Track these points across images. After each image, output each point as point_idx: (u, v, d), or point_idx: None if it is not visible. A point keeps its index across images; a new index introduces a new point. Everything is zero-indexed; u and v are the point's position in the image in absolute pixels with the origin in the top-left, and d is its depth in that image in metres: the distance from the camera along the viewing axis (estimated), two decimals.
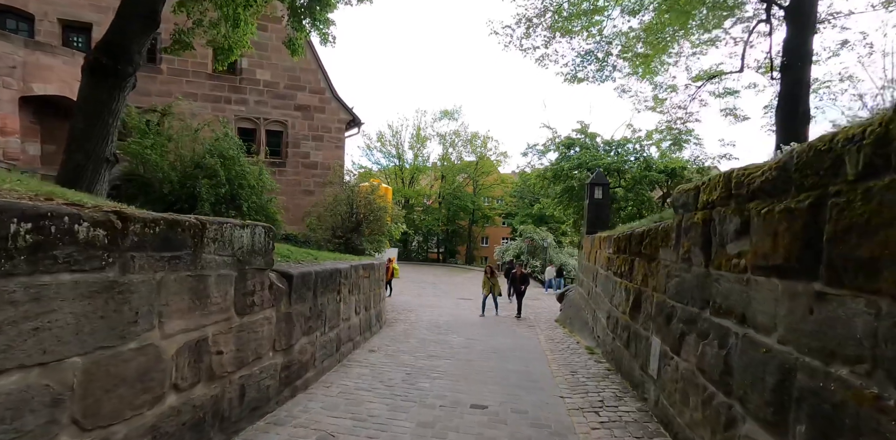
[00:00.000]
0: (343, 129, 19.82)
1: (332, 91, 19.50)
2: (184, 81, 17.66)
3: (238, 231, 3.54)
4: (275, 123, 19.03)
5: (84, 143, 7.32)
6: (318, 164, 19.58)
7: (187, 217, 3.05)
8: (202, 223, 3.11)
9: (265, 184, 14.44)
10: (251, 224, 3.81)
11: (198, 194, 12.17)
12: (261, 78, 18.60)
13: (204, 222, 3.13)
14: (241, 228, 3.58)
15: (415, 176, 52.78)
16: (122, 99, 7.47)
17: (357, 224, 15.28)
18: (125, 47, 7.12)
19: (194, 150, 13.36)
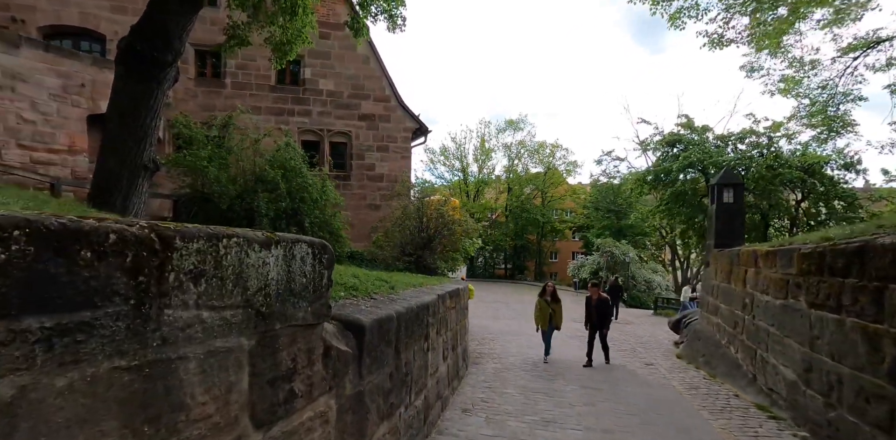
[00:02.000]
0: (409, 137, 18.52)
1: (397, 98, 18.30)
2: (247, 94, 17.08)
3: (257, 253, 1.71)
4: (338, 135, 18.04)
5: (118, 147, 6.11)
6: (384, 176, 18.33)
7: (118, 223, 1.21)
8: (162, 237, 1.30)
9: (329, 197, 13.28)
10: (286, 239, 1.94)
11: (256, 209, 11.15)
12: (324, 88, 17.73)
13: (165, 235, 1.31)
14: (262, 248, 1.74)
15: (480, 189, 51.15)
16: (161, 94, 6.24)
17: (428, 240, 13.69)
18: (163, 30, 5.90)
19: (255, 163, 12.46)
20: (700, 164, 17.68)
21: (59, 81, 13.16)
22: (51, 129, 13.11)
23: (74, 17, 15.99)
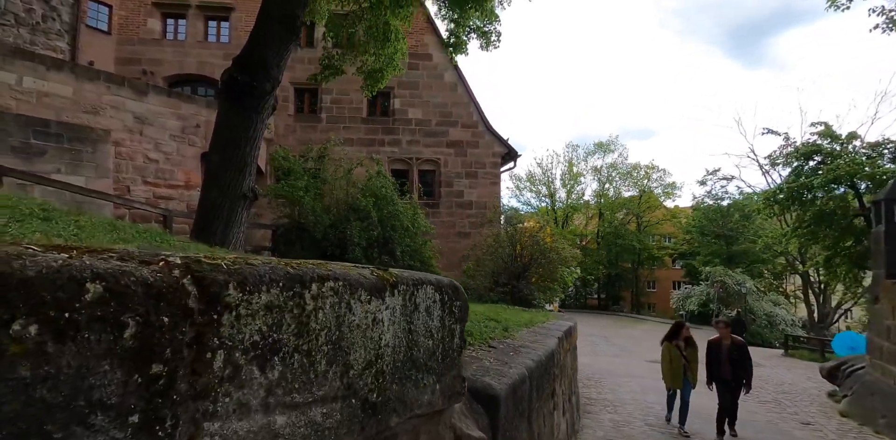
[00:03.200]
0: (498, 163, 18.05)
1: (485, 123, 18.02)
2: (341, 127, 17.66)
3: (364, 305, 1.07)
4: (427, 162, 18.01)
5: (219, 177, 6.10)
6: (473, 203, 17.89)
7: (119, 259, 0.62)
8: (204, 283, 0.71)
9: (420, 225, 13.03)
10: (406, 280, 1.27)
11: (349, 238, 11.09)
12: (412, 117, 17.93)
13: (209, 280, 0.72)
14: (372, 296, 1.11)
15: (568, 215, 49.27)
16: (260, 123, 6.22)
17: (523, 269, 12.85)
18: (262, 60, 5.92)
19: (348, 192, 12.57)
20: (849, 177, 14.88)
21: (179, 123, 14.35)
22: (170, 167, 14.22)
23: (193, 66, 17.64)
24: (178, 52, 17.54)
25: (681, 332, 7.38)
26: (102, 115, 12.30)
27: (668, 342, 7.39)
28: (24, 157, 10.47)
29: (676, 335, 7.38)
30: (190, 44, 17.64)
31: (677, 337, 7.36)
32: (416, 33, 16.97)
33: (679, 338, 7.33)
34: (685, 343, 7.31)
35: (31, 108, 10.92)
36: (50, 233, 2.11)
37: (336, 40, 9.36)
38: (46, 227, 2.35)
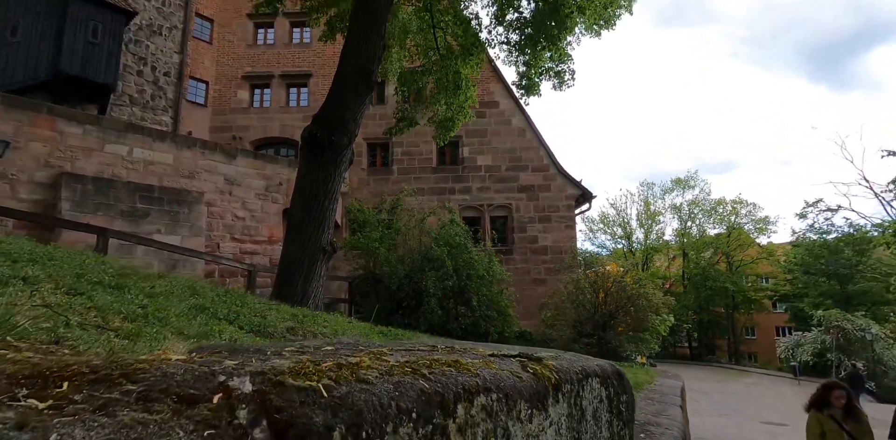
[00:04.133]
0: (572, 205, 17.50)
1: (556, 166, 17.72)
2: (412, 178, 18.05)
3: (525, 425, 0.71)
4: (499, 208, 17.82)
5: (300, 232, 6.21)
6: (548, 248, 17.27)
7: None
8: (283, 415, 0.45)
9: (495, 273, 12.65)
10: (570, 376, 0.86)
11: (424, 288, 10.92)
12: (482, 164, 18.02)
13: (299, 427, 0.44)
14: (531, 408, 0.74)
15: (648, 257, 46.51)
16: (338, 177, 6.33)
17: (609, 317, 11.94)
18: (340, 116, 6.12)
19: (421, 242, 12.56)
20: None
21: (263, 182, 15.26)
22: (255, 223, 15.00)
23: (276, 130, 19.04)
24: (263, 117, 19.07)
25: (832, 399, 5.34)
26: (197, 178, 13.33)
27: (816, 411, 5.38)
28: (130, 220, 11.45)
29: (824, 401, 5.37)
30: (273, 109, 19.16)
31: (828, 404, 5.32)
32: (482, 82, 17.40)
33: (833, 406, 5.29)
34: (845, 413, 5.25)
35: (138, 176, 12.05)
36: (107, 311, 2.02)
37: (407, 94, 9.71)
38: (110, 300, 2.28)
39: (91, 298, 2.22)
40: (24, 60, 13.00)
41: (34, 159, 10.52)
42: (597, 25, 8.93)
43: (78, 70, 13.70)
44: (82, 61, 13.77)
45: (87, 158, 11.24)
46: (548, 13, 8.35)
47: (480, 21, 9.92)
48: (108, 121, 11.90)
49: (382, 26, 6.48)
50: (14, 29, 12.80)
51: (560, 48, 8.32)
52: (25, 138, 10.36)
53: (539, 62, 8.35)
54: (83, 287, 2.42)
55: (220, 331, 2.39)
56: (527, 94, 8.65)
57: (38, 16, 13.27)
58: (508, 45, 9.25)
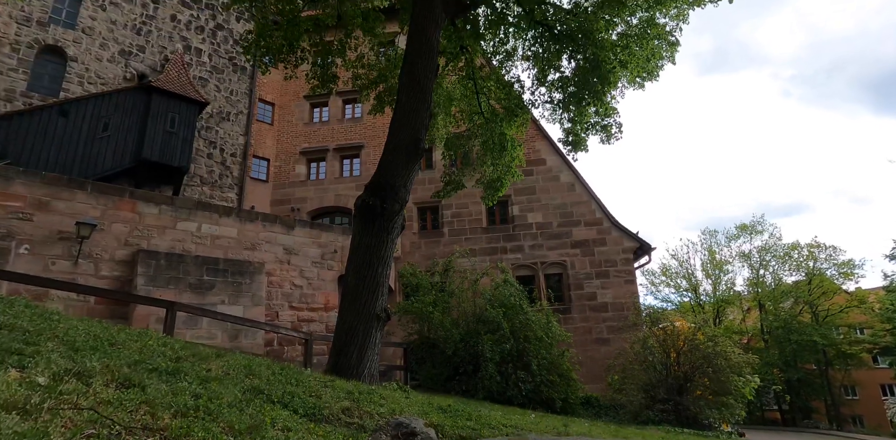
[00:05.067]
0: (630, 259, 16.85)
1: (609, 219, 17.35)
2: (462, 239, 18.15)
3: None
4: (553, 266, 17.42)
5: (355, 299, 6.30)
6: (608, 305, 16.50)
7: None
8: None
9: (554, 334, 12.12)
10: None
11: (481, 353, 10.54)
12: (532, 221, 17.94)
13: None
14: None
15: (720, 310, 43.26)
16: (391, 243, 6.47)
17: (684, 380, 10.99)
18: (390, 183, 6.39)
19: (475, 303, 12.34)
20: None
21: (319, 250, 15.78)
22: (312, 291, 15.34)
23: (331, 200, 19.97)
24: (319, 188, 20.14)
25: None
26: (259, 249, 13.98)
27: None
28: (197, 292, 12.02)
29: None
30: (328, 180, 20.24)
31: None
32: (527, 141, 17.76)
33: None
34: None
35: (206, 250, 12.80)
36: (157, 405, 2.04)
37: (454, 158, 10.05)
38: (163, 391, 2.32)
39: (144, 390, 2.28)
40: (113, 151, 14.60)
41: (116, 239, 11.45)
42: (640, 78, 9.08)
43: (157, 156, 15.20)
44: (161, 148, 15.31)
45: (162, 236, 12.11)
46: (589, 70, 8.60)
47: (522, 83, 10.35)
48: (181, 200, 12.91)
49: (429, 97, 6.86)
50: (106, 125, 14.54)
51: (605, 103, 8.49)
52: (110, 220, 11.37)
53: (584, 118, 8.51)
54: (138, 376, 2.50)
55: (274, 419, 2.37)
56: (574, 151, 8.75)
57: (126, 112, 15.07)
58: (552, 103, 9.52)
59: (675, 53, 9.18)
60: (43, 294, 9.96)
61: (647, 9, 8.64)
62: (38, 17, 15.17)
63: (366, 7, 8.92)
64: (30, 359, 2.54)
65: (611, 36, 9.00)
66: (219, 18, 19.52)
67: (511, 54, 10.06)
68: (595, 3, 8.69)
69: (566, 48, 9.02)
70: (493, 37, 9.83)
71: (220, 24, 19.59)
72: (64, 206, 10.80)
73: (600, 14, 8.57)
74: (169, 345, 3.89)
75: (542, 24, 9.00)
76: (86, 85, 15.66)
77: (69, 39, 15.68)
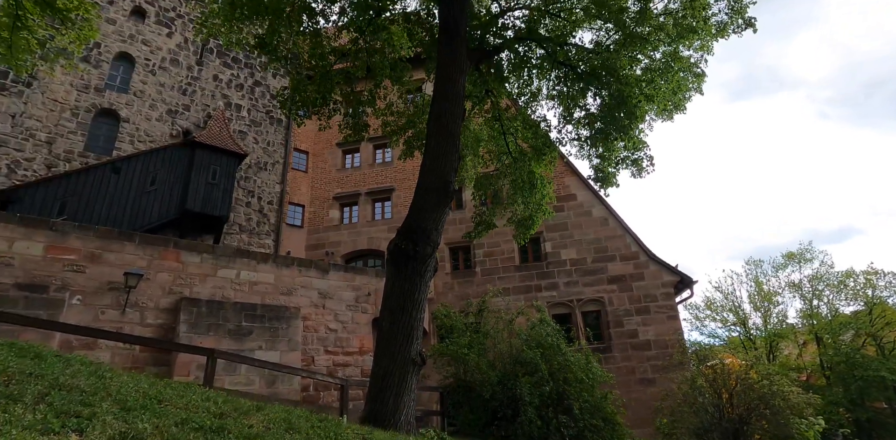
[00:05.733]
0: (671, 293, 16.28)
1: (646, 253, 16.95)
2: (495, 278, 18.01)
3: None
4: (590, 303, 16.99)
5: (389, 343, 6.31)
6: (651, 342, 15.84)
7: None
8: None
9: (595, 375, 11.64)
10: None
11: (519, 396, 10.20)
12: (566, 258, 17.69)
13: None
14: None
15: (773, 344, 40.69)
16: (424, 286, 6.53)
17: (739, 423, 10.30)
18: (422, 227, 6.52)
19: (511, 344, 12.08)
20: None
21: (353, 294, 15.90)
22: (347, 335, 15.35)
23: (364, 243, 20.30)
24: (352, 232, 20.56)
25: None
26: (295, 294, 14.22)
27: None
28: (236, 338, 12.22)
29: None
30: (361, 224, 20.67)
31: None
32: (556, 177, 17.80)
33: None
34: None
35: (244, 296, 13.10)
36: None
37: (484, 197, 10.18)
38: None
39: None
40: (159, 203, 15.43)
41: (160, 287, 11.89)
42: (667, 111, 9.12)
43: (200, 207, 15.95)
44: (203, 199, 16.08)
45: (203, 283, 12.51)
46: (615, 106, 8.71)
47: (549, 122, 10.50)
48: (221, 248, 13.39)
49: (457, 142, 7.06)
50: (153, 179, 15.46)
51: (633, 137, 8.55)
52: (155, 270, 11.87)
53: (613, 153, 8.57)
54: (185, 435, 2.62)
55: None
56: (603, 187, 8.76)
57: (172, 166, 16.02)
58: (579, 140, 9.61)
59: (702, 84, 9.22)
60: (92, 343, 10.34)
61: (670, 43, 8.77)
62: (96, 84, 16.60)
63: (393, 58, 9.42)
64: (87, 422, 2.72)
65: (635, 71, 9.12)
66: (257, 76, 20.89)
67: (536, 95, 10.30)
68: (616, 41, 8.89)
69: (590, 86, 9.19)
70: (518, 79, 10.12)
71: (258, 81, 20.93)
72: (114, 258, 11.37)
73: (623, 51, 8.73)
74: (212, 399, 4.00)
75: (564, 64, 9.24)
76: (136, 143, 16.82)
77: (122, 102, 17.02)
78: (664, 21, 8.45)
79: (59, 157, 15.24)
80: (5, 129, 14.54)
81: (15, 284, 9.79)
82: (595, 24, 9.12)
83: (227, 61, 20.30)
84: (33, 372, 3.54)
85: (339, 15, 8.65)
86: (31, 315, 9.11)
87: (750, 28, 8.44)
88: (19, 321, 7.21)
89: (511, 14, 9.51)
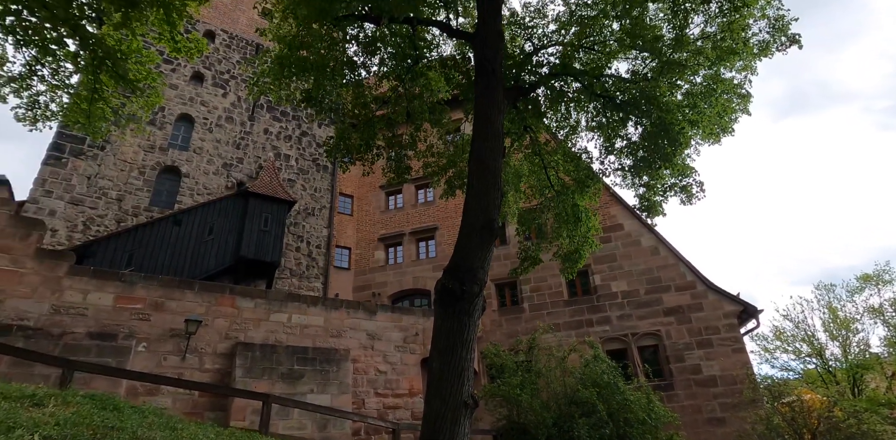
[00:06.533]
0: (735, 324, 15.33)
1: (703, 282, 16.17)
2: (544, 314, 17.59)
3: None
4: (646, 337, 16.21)
5: (440, 386, 6.23)
6: (717, 378, 14.82)
7: None
8: None
9: (658, 415, 10.99)
10: None
11: (577, 439, 9.70)
12: (617, 290, 17.11)
13: None
14: None
15: (856, 376, 37.04)
16: (473, 326, 6.49)
17: None
18: (468, 265, 6.54)
19: (565, 383, 11.63)
20: None
21: (401, 334, 15.88)
22: (396, 376, 15.22)
23: (409, 282, 20.42)
24: (398, 272, 20.76)
25: None
26: (344, 336, 14.35)
27: None
28: (288, 382, 12.35)
29: None
30: (405, 264, 20.87)
31: None
32: (601, 207, 17.52)
33: None
34: None
35: (295, 339, 13.34)
36: None
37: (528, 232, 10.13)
38: None
39: None
40: (216, 251, 16.22)
41: (218, 333, 12.30)
42: (713, 134, 8.93)
43: (253, 254, 16.64)
44: (256, 246, 16.80)
45: (257, 328, 12.87)
46: (658, 133, 8.59)
47: (590, 154, 10.45)
48: (273, 293, 13.80)
49: (498, 180, 7.09)
50: (211, 229, 16.34)
51: (678, 164, 8.37)
52: (213, 316, 12.33)
53: (659, 181, 8.40)
54: None
55: None
56: (650, 216, 8.55)
57: (227, 215, 16.92)
58: (623, 170, 9.46)
59: (749, 104, 9.02)
60: (155, 389, 10.72)
61: (710, 66, 8.66)
62: (160, 144, 18.04)
63: (431, 101, 9.79)
64: None
65: (675, 97, 9.02)
66: (303, 127, 22.15)
67: (575, 127, 10.29)
68: (654, 68, 8.85)
69: (631, 115, 9.11)
70: (555, 113, 10.16)
71: (305, 131, 22.16)
72: (175, 305, 11.93)
73: (661, 78, 8.69)
74: None
75: (602, 95, 9.28)
76: (195, 195, 17.96)
77: (183, 159, 18.35)
78: (702, 45, 8.38)
79: (128, 212, 16.43)
80: (82, 190, 15.91)
81: (88, 333, 10.40)
82: (630, 54, 9.15)
83: (276, 115, 21.68)
84: (115, 424, 3.73)
85: (379, 65, 9.16)
86: (102, 362, 9.60)
87: (794, 45, 8.27)
88: (94, 370, 7.62)
89: (545, 51, 9.72)
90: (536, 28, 9.64)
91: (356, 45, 8.84)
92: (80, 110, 8.37)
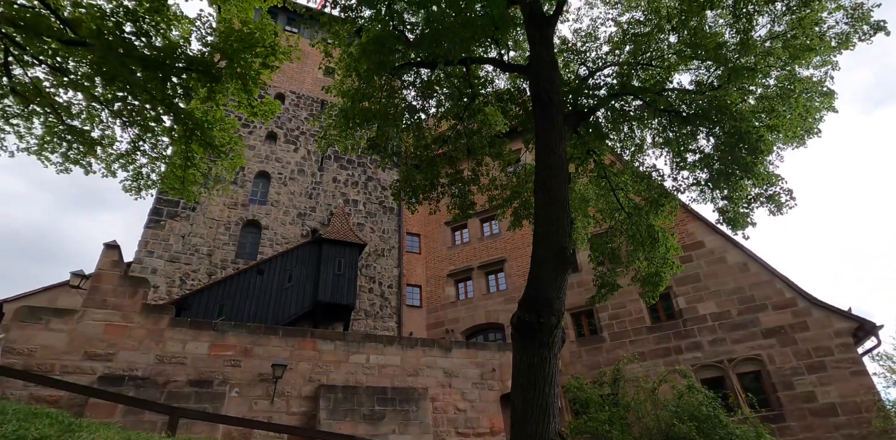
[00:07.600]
0: (850, 343, 13.72)
1: (805, 297, 14.70)
2: (627, 342, 16.67)
3: None
4: (745, 362, 14.85)
5: (524, 424, 6.07)
6: (836, 406, 13.22)
7: None
8: None
9: None
10: None
11: None
12: (705, 312, 15.94)
13: None
14: None
15: None
16: (554, 359, 6.32)
17: None
18: (543, 296, 6.44)
19: (658, 417, 10.85)
20: None
21: (478, 371, 15.60)
22: (476, 414, 14.85)
23: (482, 317, 20.20)
24: (469, 307, 20.64)
25: None
26: (421, 375, 14.30)
27: None
28: (370, 422, 12.39)
29: None
30: (476, 298, 20.74)
31: None
32: (677, 226, 16.70)
33: None
34: None
35: (374, 379, 13.46)
36: None
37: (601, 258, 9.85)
38: None
39: None
40: (296, 297, 16.97)
41: (301, 376, 12.69)
42: (797, 137, 8.38)
43: (329, 297, 17.26)
44: (332, 290, 17.43)
45: (337, 370, 13.15)
46: (734, 143, 8.17)
47: (661, 171, 10.05)
48: (351, 335, 14.14)
49: (567, 207, 6.95)
50: (290, 276, 17.20)
51: (761, 173, 7.89)
52: (296, 359, 12.78)
53: (741, 192, 7.93)
54: None
55: None
56: (734, 229, 8.03)
57: (304, 262, 17.77)
58: (699, 185, 9.02)
59: (833, 101, 8.40)
60: (248, 433, 11.14)
61: (783, 67, 8.19)
62: (242, 201, 19.53)
63: (490, 135, 9.95)
64: None
65: (748, 103, 8.56)
66: (368, 172, 23.24)
67: (641, 146, 9.96)
68: (720, 76, 8.47)
69: (700, 127, 8.76)
70: (618, 133, 9.90)
71: (370, 177, 23.21)
72: (262, 351, 12.51)
73: (730, 86, 8.30)
74: None
75: (666, 110, 8.97)
76: (274, 246, 19.10)
77: (262, 213, 19.71)
78: (771, 46, 7.97)
79: (217, 265, 17.72)
80: (178, 248, 17.43)
81: (188, 381, 11.09)
82: (692, 65, 8.85)
83: (343, 163, 22.94)
84: None
85: (437, 107, 9.55)
86: (200, 408, 10.17)
87: (880, 32, 7.71)
88: (196, 416, 8.08)
89: (600, 73, 9.66)
90: (589, 52, 9.70)
91: (413, 91, 9.32)
92: (176, 177, 9.34)
